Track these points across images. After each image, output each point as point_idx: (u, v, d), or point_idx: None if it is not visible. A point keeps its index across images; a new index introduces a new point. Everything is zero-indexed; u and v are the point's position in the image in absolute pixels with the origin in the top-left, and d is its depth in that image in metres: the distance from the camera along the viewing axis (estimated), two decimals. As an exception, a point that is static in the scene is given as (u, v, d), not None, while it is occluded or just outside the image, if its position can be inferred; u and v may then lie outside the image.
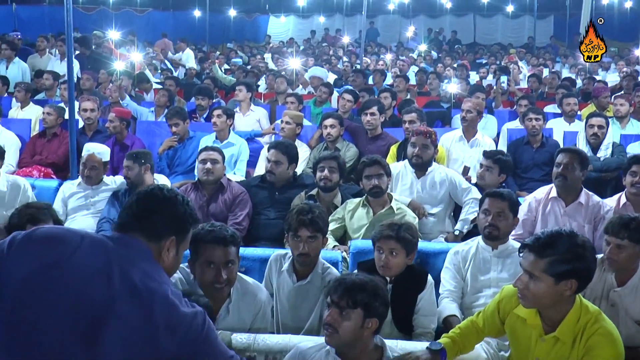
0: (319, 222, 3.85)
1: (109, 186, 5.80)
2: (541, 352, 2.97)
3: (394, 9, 26.78)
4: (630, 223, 3.67)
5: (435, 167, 5.64)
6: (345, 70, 14.02)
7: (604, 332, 2.87)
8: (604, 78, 13.92)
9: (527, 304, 2.95)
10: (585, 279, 2.87)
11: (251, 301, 3.63)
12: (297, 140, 6.91)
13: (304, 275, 3.91)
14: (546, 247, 2.84)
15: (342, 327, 2.85)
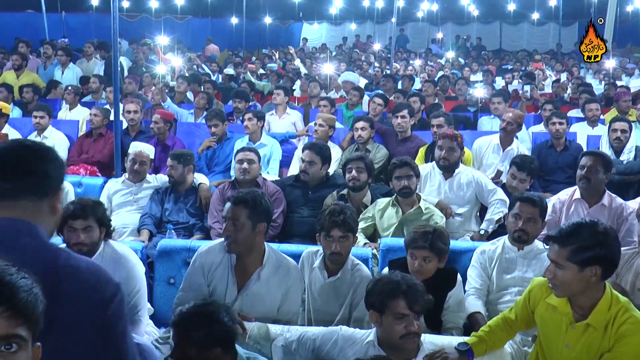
0: (350, 222, 3.87)
1: (151, 184, 5.87)
2: (571, 339, 2.97)
3: (423, 17, 26.70)
4: None
5: (462, 168, 5.62)
6: (376, 75, 14.03)
7: (634, 321, 2.88)
8: (627, 83, 13.73)
9: (559, 293, 2.97)
10: (608, 264, 2.89)
11: (283, 274, 3.72)
12: (329, 141, 6.93)
13: (335, 271, 3.93)
14: (569, 236, 2.88)
15: (422, 331, 3.00)
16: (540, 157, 6.86)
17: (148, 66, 12.22)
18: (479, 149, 6.84)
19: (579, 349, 2.95)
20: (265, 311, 3.63)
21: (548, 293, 3.08)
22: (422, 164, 6.06)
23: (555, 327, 3.04)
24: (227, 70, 14.16)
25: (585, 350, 2.93)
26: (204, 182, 5.86)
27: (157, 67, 10.77)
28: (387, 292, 2.99)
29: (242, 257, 3.71)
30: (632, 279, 3.94)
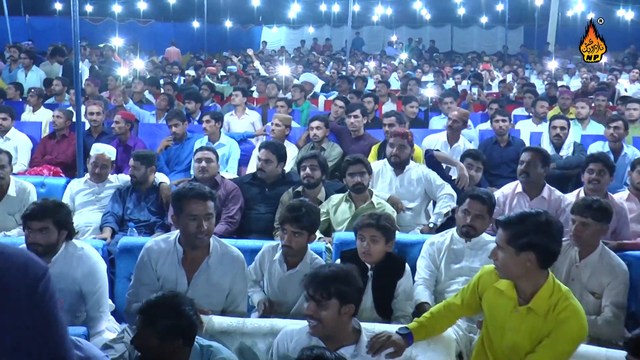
0: (305, 220, 3.85)
1: (113, 184, 5.80)
2: (515, 322, 3.03)
3: (378, 20, 26.82)
4: (593, 204, 3.96)
5: (412, 165, 5.67)
6: (332, 77, 14.05)
7: (573, 309, 2.95)
8: (568, 83, 14.01)
9: (500, 275, 3.06)
10: (543, 253, 2.94)
11: (230, 260, 3.74)
12: (286, 140, 6.94)
13: (294, 264, 3.94)
14: (512, 222, 2.97)
15: (323, 318, 2.89)
16: (486, 152, 6.96)
17: (109, 69, 12.06)
18: (428, 146, 6.90)
19: (522, 332, 3.00)
20: (215, 301, 3.63)
21: (497, 279, 3.14)
22: (374, 161, 6.10)
23: (501, 311, 3.10)
24: (188, 71, 14.07)
25: (528, 334, 2.99)
26: (164, 181, 5.82)
27: (118, 70, 10.63)
28: (304, 277, 3.06)
29: (189, 250, 3.70)
30: (567, 268, 4.03)
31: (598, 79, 13.74)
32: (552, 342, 2.93)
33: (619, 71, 15.15)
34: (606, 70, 16.10)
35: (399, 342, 3.09)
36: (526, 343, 3.00)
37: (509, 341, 3.05)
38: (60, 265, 3.75)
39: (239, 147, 7.20)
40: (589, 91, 11.59)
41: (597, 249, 4.00)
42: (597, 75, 14.80)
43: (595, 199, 4.05)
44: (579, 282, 3.96)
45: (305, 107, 9.33)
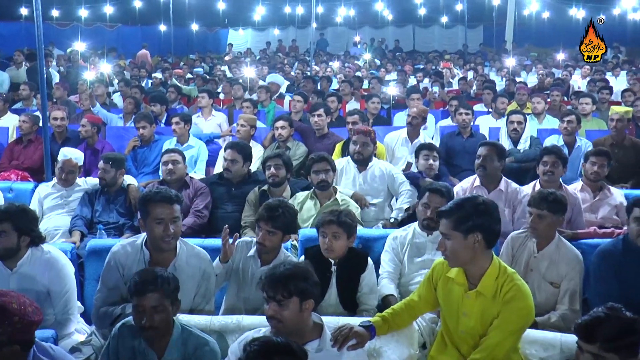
0: (279, 220, 3.84)
1: (81, 187, 5.72)
2: (467, 307, 3.09)
3: (341, 22, 26.83)
4: (549, 196, 4.03)
5: (375, 162, 5.70)
6: (297, 77, 14.05)
7: (518, 289, 3.02)
8: (525, 79, 14.19)
9: (451, 263, 3.12)
10: (489, 232, 3.03)
11: (196, 262, 3.71)
12: (252, 140, 6.93)
13: (268, 261, 3.91)
14: (452, 209, 3.05)
15: (285, 317, 2.87)
16: (449, 144, 7.06)
17: (77, 73, 11.89)
18: (389, 142, 6.95)
19: (475, 316, 3.06)
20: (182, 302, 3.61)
21: (448, 268, 3.19)
22: (338, 158, 6.12)
23: (454, 298, 3.15)
24: (155, 74, 13.94)
25: (479, 318, 3.05)
26: (132, 183, 5.77)
27: (85, 74, 10.49)
28: (261, 279, 3.04)
29: (156, 253, 3.66)
30: (526, 259, 4.08)
31: (554, 75, 13.96)
32: (501, 322, 3.00)
33: (573, 67, 15.38)
34: (561, 66, 16.36)
35: (361, 333, 3.11)
36: (479, 326, 3.06)
37: (464, 326, 3.11)
38: (27, 269, 3.71)
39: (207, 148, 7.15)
40: (545, 87, 11.77)
41: (554, 239, 4.07)
42: (552, 72, 15.05)
43: (551, 192, 4.11)
44: (538, 272, 4.02)
45: (271, 108, 9.31)
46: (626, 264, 3.88)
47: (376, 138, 5.98)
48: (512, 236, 4.21)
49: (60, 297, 3.78)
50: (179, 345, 3.04)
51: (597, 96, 9.51)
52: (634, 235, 3.89)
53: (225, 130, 8.13)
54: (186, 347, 3.04)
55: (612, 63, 17.32)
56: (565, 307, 3.89)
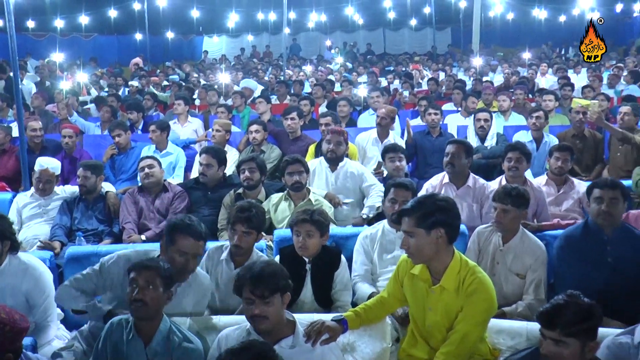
0: (254, 220, 3.86)
1: (59, 195, 5.67)
2: (432, 302, 3.11)
3: (314, 27, 26.87)
4: (512, 191, 4.06)
5: (347, 162, 5.72)
6: (271, 82, 14.04)
7: (479, 282, 3.04)
8: (491, 79, 14.32)
9: (415, 260, 3.12)
10: (450, 227, 3.04)
11: (198, 287, 3.64)
12: (227, 145, 6.91)
13: (241, 263, 3.89)
14: (413, 207, 3.05)
15: (270, 313, 2.89)
16: (419, 143, 7.08)
17: (54, 82, 11.78)
18: (361, 142, 6.97)
19: (440, 310, 3.08)
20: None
21: (412, 265, 3.20)
22: (311, 159, 6.12)
23: (419, 294, 3.17)
24: (131, 82, 13.85)
25: (445, 311, 3.07)
26: (110, 189, 5.73)
27: (61, 83, 10.38)
28: (239, 279, 2.99)
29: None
30: (492, 253, 4.12)
31: (519, 74, 14.10)
32: (466, 315, 3.02)
33: (537, 66, 15.55)
34: (526, 65, 16.53)
35: (333, 328, 3.12)
36: (444, 320, 3.08)
37: (430, 321, 3.13)
38: (5, 278, 3.67)
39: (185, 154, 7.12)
40: (511, 85, 11.89)
41: (518, 232, 4.11)
42: (517, 71, 15.20)
43: (514, 187, 4.15)
44: (504, 265, 4.06)
45: (246, 113, 9.28)
46: (587, 246, 3.96)
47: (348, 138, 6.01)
48: (478, 231, 4.24)
49: (39, 305, 3.74)
50: (164, 337, 3.03)
51: (560, 93, 9.65)
52: (594, 215, 3.96)
53: (200, 135, 8.10)
54: (171, 342, 3.02)
55: (573, 61, 17.58)
56: (531, 297, 3.94)
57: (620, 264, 3.84)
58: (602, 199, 3.91)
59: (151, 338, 3.03)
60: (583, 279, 3.82)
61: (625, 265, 3.83)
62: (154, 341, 3.01)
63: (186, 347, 2.97)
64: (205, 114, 9.40)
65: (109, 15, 23.77)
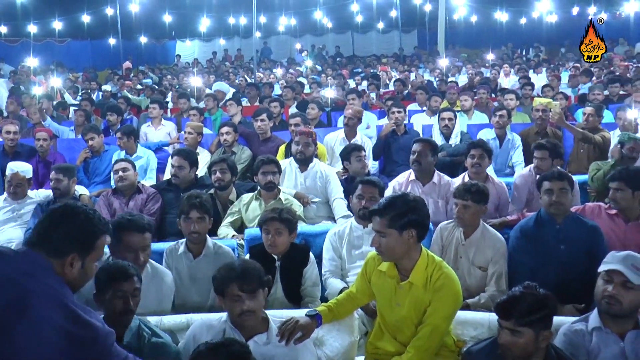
0: (206, 205, 4.01)
1: (33, 199, 5.59)
2: (400, 298, 3.11)
3: (284, 30, 26.84)
4: (472, 187, 4.12)
5: (316, 162, 5.72)
6: (241, 85, 13.98)
7: (446, 276, 3.06)
8: (456, 79, 14.44)
9: (385, 258, 3.12)
10: (421, 227, 3.05)
11: (159, 283, 3.65)
12: (199, 147, 6.88)
13: (198, 252, 3.99)
14: (386, 207, 3.04)
15: (257, 309, 2.92)
16: (386, 142, 7.10)
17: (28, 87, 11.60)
18: (329, 142, 6.98)
19: (408, 305, 3.09)
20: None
21: (379, 262, 3.21)
22: (281, 160, 6.11)
23: (387, 290, 3.17)
24: (105, 87, 13.70)
25: (413, 306, 3.08)
26: (84, 192, 5.67)
27: (34, 88, 10.22)
28: (223, 278, 2.97)
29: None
30: (455, 248, 4.17)
31: (482, 74, 14.25)
32: (435, 309, 3.03)
33: (500, 66, 15.72)
34: (489, 65, 16.70)
35: (306, 325, 3.12)
36: (412, 315, 3.09)
37: (398, 315, 3.14)
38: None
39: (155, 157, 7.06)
40: (474, 85, 12.00)
41: (479, 227, 4.15)
42: (481, 71, 15.36)
43: (474, 184, 4.21)
44: (467, 258, 4.11)
45: (218, 115, 9.23)
46: (541, 235, 4.04)
47: (317, 139, 6.00)
48: (441, 227, 4.27)
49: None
50: (134, 334, 2.99)
51: (521, 92, 9.77)
52: (546, 205, 4.06)
53: (173, 138, 8.04)
54: (141, 338, 2.99)
55: (534, 61, 17.80)
56: (494, 288, 3.98)
57: (572, 251, 3.95)
58: (552, 190, 4.03)
59: (121, 338, 3.00)
60: (539, 267, 3.92)
61: (577, 252, 3.93)
62: (125, 338, 2.98)
63: (155, 342, 2.94)
64: (178, 117, 9.34)
65: (82, 21, 23.43)
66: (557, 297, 3.33)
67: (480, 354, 2.84)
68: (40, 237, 2.29)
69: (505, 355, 2.72)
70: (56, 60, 19.87)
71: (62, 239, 2.27)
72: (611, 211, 4.34)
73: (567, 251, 3.96)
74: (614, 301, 2.87)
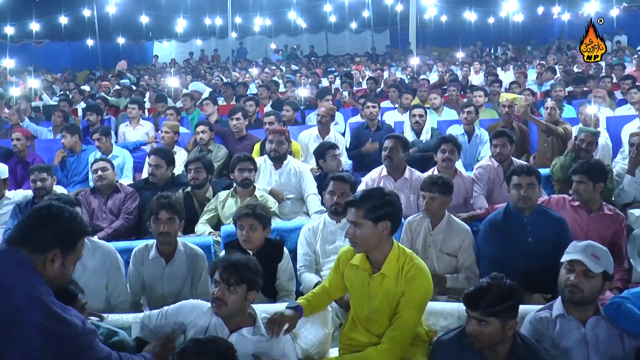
0: (176, 205, 3.90)
1: (11, 200, 5.50)
2: (373, 289, 3.11)
3: (259, 31, 26.75)
4: (438, 180, 4.18)
5: (290, 159, 5.71)
6: (217, 84, 13.90)
7: (417, 268, 3.06)
8: (427, 77, 14.51)
9: (358, 249, 3.11)
10: (395, 220, 3.06)
11: (101, 256, 3.73)
12: (176, 146, 6.83)
13: (169, 255, 3.92)
14: (362, 199, 3.04)
15: (230, 300, 2.87)
16: (359, 137, 7.12)
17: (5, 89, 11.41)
18: (303, 139, 6.97)
19: (380, 296, 3.09)
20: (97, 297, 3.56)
21: (352, 256, 3.21)
22: (257, 157, 6.09)
23: (360, 282, 3.17)
24: (83, 87, 13.53)
25: (385, 297, 3.08)
26: (63, 192, 5.59)
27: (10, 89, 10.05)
28: (215, 263, 3.00)
29: None
30: (423, 237, 4.21)
31: (452, 72, 14.33)
32: (408, 300, 3.03)
33: (469, 64, 15.82)
34: (459, 64, 16.80)
35: (291, 317, 3.13)
36: (385, 306, 3.09)
37: (371, 307, 3.13)
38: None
39: (131, 155, 6.98)
40: (445, 83, 12.07)
41: (445, 217, 4.22)
42: (451, 69, 15.46)
43: (439, 176, 4.27)
44: (435, 246, 4.16)
45: (195, 115, 9.16)
46: (509, 228, 4.09)
47: (290, 137, 5.99)
48: (409, 220, 4.30)
49: None
50: None
51: (489, 89, 9.85)
52: (514, 200, 4.10)
53: (151, 137, 7.97)
54: None
55: (502, 59, 17.95)
56: (468, 272, 4.07)
57: (540, 243, 4.00)
58: (521, 185, 4.08)
59: None
60: (507, 259, 3.95)
61: (544, 244, 3.98)
62: None
63: (112, 342, 2.93)
64: (156, 117, 9.26)
65: (59, 22, 23.10)
66: (525, 288, 3.42)
67: (449, 343, 2.86)
68: (24, 234, 2.29)
69: (473, 344, 2.74)
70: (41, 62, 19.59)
71: (48, 236, 2.29)
72: (574, 203, 4.41)
73: (534, 243, 4.01)
74: (576, 289, 2.92)
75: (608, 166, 5.24)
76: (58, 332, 2.19)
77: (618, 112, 8.38)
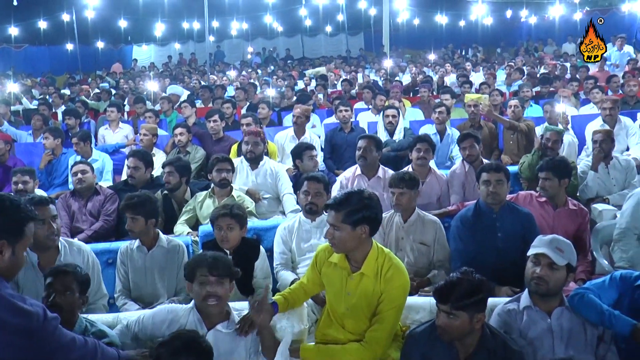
0: (140, 206, 3.98)
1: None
2: (351, 287, 3.10)
3: (236, 34, 26.64)
4: (405, 176, 4.27)
5: (266, 160, 5.69)
6: (195, 87, 13.82)
7: (396, 267, 3.06)
8: (400, 79, 14.57)
9: (338, 250, 3.10)
10: (374, 223, 3.05)
11: (78, 254, 3.78)
12: (154, 148, 6.78)
13: (151, 246, 4.02)
14: (341, 202, 3.01)
15: (222, 295, 2.95)
16: (333, 139, 7.13)
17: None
18: (279, 140, 6.96)
19: (358, 294, 3.08)
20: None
21: (330, 254, 3.19)
22: (234, 158, 6.07)
23: (338, 280, 3.16)
24: (63, 91, 13.36)
25: (363, 295, 3.07)
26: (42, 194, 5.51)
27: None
28: (195, 262, 3.03)
29: (41, 253, 3.67)
30: (395, 231, 4.26)
31: (425, 74, 14.41)
32: (387, 300, 3.02)
33: (441, 66, 15.92)
34: (431, 65, 16.91)
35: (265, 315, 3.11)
36: (363, 304, 3.08)
37: (348, 304, 3.12)
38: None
39: (111, 158, 6.91)
40: (417, 84, 12.13)
41: (415, 210, 4.31)
42: (424, 71, 15.54)
43: (405, 172, 4.37)
44: (408, 238, 4.23)
45: (173, 117, 9.11)
46: (479, 224, 4.12)
47: (266, 138, 5.98)
48: None
49: None
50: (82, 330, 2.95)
51: (460, 90, 9.92)
52: (484, 196, 4.14)
53: (130, 140, 7.90)
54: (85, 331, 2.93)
55: (472, 61, 18.10)
56: (444, 266, 4.16)
57: (509, 238, 4.04)
58: (490, 181, 4.11)
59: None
60: (478, 254, 3.99)
61: (513, 238, 4.02)
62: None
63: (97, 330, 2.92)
64: (134, 120, 9.18)
65: (38, 27, 22.76)
66: (495, 281, 3.44)
67: (421, 336, 2.88)
68: None
69: (442, 336, 2.76)
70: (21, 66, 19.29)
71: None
72: (541, 199, 4.46)
73: (503, 238, 4.04)
74: (542, 282, 2.96)
75: (573, 163, 5.32)
76: (15, 323, 2.15)
77: (582, 111, 8.51)
